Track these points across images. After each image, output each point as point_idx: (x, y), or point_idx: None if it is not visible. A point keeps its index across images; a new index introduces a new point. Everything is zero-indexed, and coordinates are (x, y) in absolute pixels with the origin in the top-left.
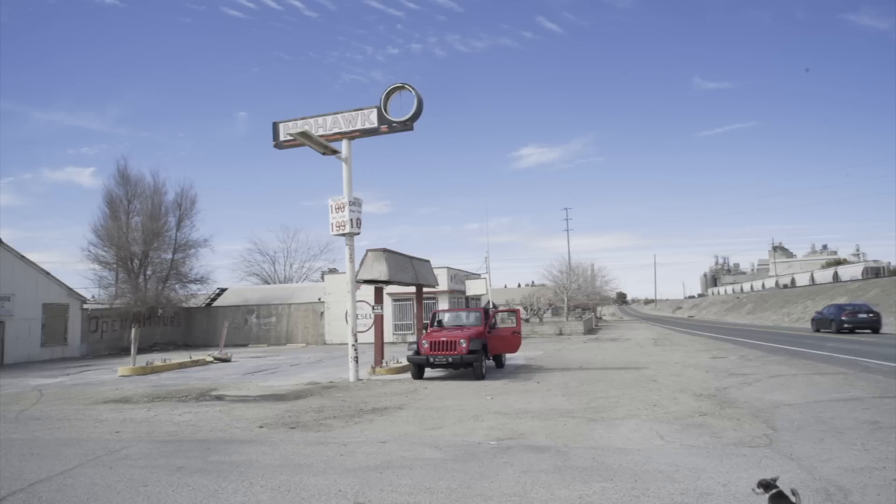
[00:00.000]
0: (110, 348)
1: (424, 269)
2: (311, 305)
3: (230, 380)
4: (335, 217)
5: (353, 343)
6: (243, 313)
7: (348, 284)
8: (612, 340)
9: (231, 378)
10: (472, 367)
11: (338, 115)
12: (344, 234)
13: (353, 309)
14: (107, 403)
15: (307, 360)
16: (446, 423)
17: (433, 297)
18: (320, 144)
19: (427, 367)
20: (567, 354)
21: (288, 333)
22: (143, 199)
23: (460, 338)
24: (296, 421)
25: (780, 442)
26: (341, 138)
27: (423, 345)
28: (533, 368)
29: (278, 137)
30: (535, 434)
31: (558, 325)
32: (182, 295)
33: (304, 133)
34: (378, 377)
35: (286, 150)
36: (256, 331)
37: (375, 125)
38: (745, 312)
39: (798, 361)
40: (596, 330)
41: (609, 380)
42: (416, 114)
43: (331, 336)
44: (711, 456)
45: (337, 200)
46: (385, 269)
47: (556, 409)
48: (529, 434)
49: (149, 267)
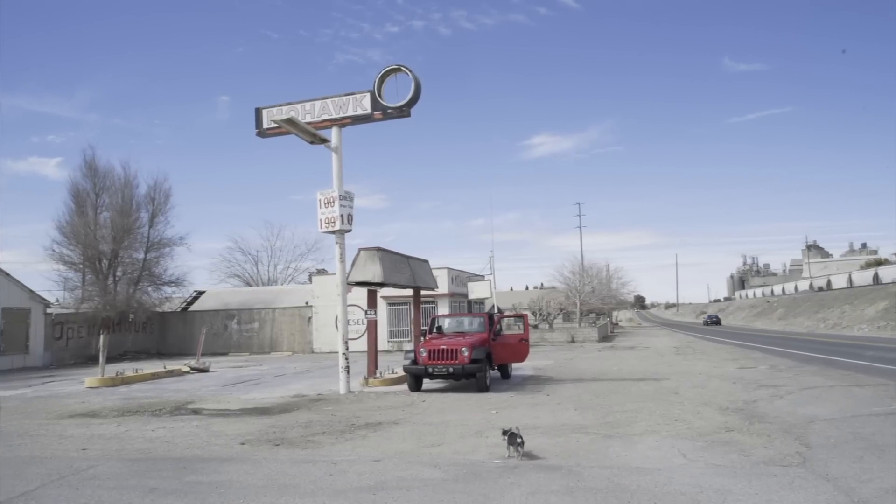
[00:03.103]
0: (76, 357)
1: (423, 269)
2: (297, 310)
3: (208, 392)
4: (324, 212)
5: (343, 351)
6: (223, 319)
7: (339, 287)
8: (630, 349)
9: (209, 390)
10: (475, 379)
11: (327, 101)
12: (334, 232)
13: (344, 314)
14: (73, 418)
15: (293, 370)
16: (446, 440)
17: (432, 300)
18: (308, 132)
19: (425, 377)
20: (580, 364)
21: (272, 341)
22: (113, 193)
23: (462, 346)
24: (281, 437)
25: (815, 460)
26: (331, 126)
27: (421, 353)
28: (542, 379)
29: (262, 125)
30: (544, 452)
31: (570, 332)
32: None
33: (290, 120)
34: (371, 389)
35: (271, 138)
36: (237, 338)
37: (368, 111)
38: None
39: (834, 372)
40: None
41: (626, 392)
42: (414, 99)
43: (319, 344)
44: (739, 476)
45: (326, 194)
46: (379, 269)
47: (568, 425)
48: (538, 452)
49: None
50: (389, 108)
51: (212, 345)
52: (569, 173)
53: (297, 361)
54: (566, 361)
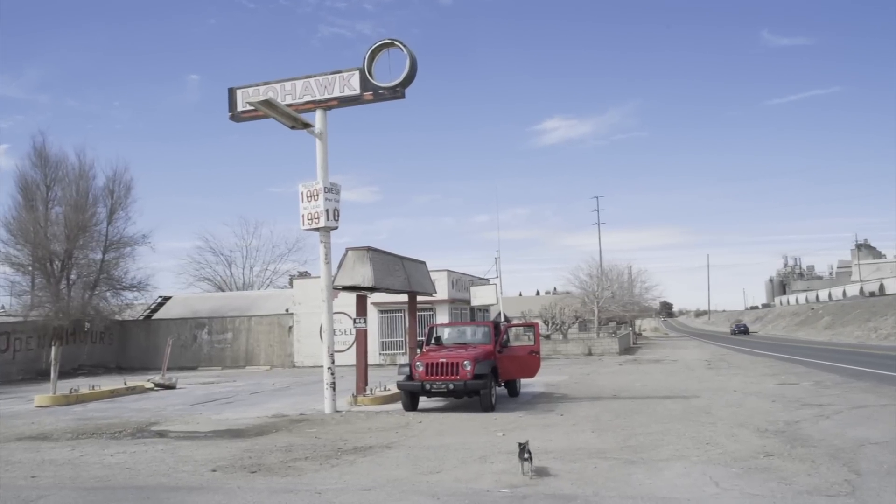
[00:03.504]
0: (25, 372)
1: (419, 272)
2: (276, 318)
3: (175, 411)
4: (307, 207)
5: (329, 365)
6: (192, 328)
7: (323, 292)
8: (655, 362)
9: (176, 409)
10: (479, 396)
11: (310, 80)
12: (318, 229)
13: (330, 323)
14: (20, 441)
15: (272, 386)
16: (446, 466)
17: (430, 307)
18: (288, 116)
19: (422, 395)
20: (598, 379)
21: (248, 353)
22: (66, 185)
23: (464, 359)
24: (257, 463)
25: (865, 490)
26: (315, 108)
27: (418, 367)
28: (555, 397)
29: (236, 107)
30: (557, 479)
31: (587, 343)
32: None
33: (268, 102)
34: (361, 408)
35: (246, 123)
36: (208, 350)
37: (357, 92)
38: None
39: (888, 388)
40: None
41: (651, 412)
42: (409, 77)
43: (301, 357)
44: None
45: (309, 186)
46: (370, 272)
47: (585, 449)
48: (551, 479)
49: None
50: (381, 89)
51: (179, 358)
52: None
53: (276, 377)
54: (582, 377)
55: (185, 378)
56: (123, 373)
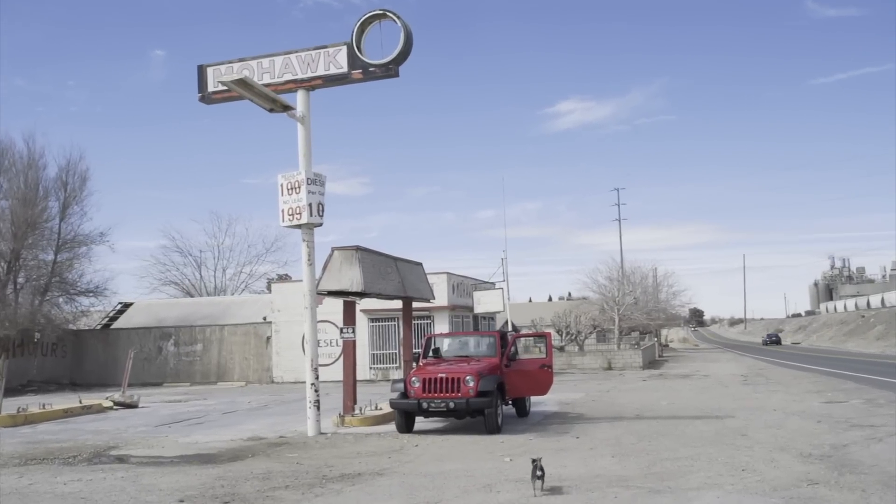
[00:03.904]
0: None
1: (415, 275)
2: (252, 328)
3: (137, 433)
4: (288, 201)
5: (312, 381)
6: (156, 339)
7: (306, 297)
8: (684, 377)
9: (139, 431)
10: (483, 416)
11: (291, 56)
12: (300, 226)
13: (313, 333)
14: None
15: (247, 405)
16: (446, 496)
17: (427, 315)
18: (266, 97)
19: (419, 415)
20: (619, 397)
21: (220, 367)
22: (13, 176)
23: (466, 374)
24: (231, 493)
25: None
26: (296, 88)
27: (414, 384)
28: (570, 417)
29: (206, 87)
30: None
31: (606, 356)
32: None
33: (243, 81)
34: (349, 429)
35: (218, 104)
36: (175, 364)
37: (345, 70)
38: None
39: None
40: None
41: (679, 434)
42: (403, 53)
43: (281, 371)
44: None
45: (290, 177)
46: (359, 275)
47: (604, 476)
48: None
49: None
50: (372, 66)
51: (142, 373)
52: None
53: (252, 394)
54: (601, 394)
55: (148, 396)
56: (78, 389)
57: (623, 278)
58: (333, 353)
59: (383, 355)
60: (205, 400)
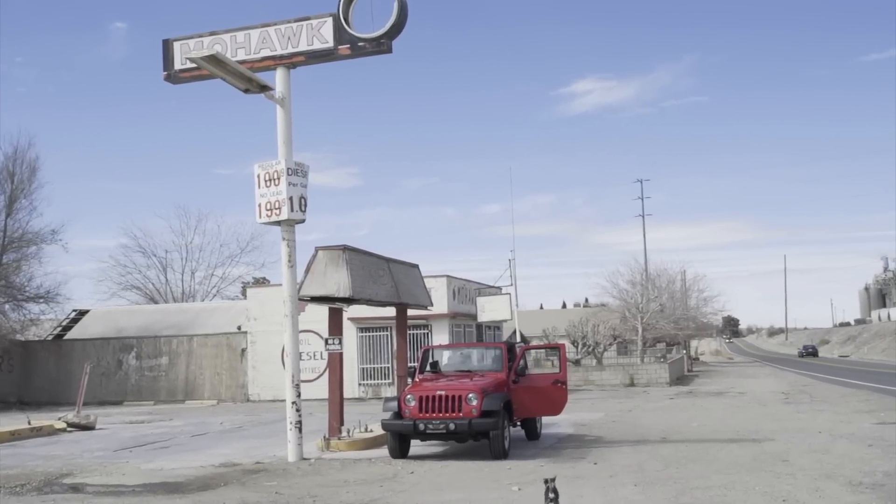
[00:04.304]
0: None
1: (410, 279)
2: (225, 338)
3: (94, 459)
4: (265, 194)
5: (293, 399)
6: (116, 351)
7: (286, 304)
8: (716, 395)
9: (96, 456)
10: (488, 439)
11: (269, 29)
12: (279, 222)
13: (295, 344)
14: None
15: (220, 426)
16: None
17: (424, 324)
18: (240, 76)
19: (415, 437)
20: (642, 418)
21: (188, 383)
22: None
23: (468, 391)
24: None
25: None
26: (275, 66)
27: (409, 402)
28: (587, 441)
29: (173, 65)
30: None
31: (628, 371)
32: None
33: (215, 58)
34: (335, 454)
35: (186, 84)
36: (137, 379)
37: (330, 45)
38: None
39: None
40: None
41: (710, 459)
42: (397, 26)
43: (258, 388)
44: None
45: (268, 167)
46: (346, 278)
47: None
48: None
49: None
50: (361, 41)
51: (99, 390)
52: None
53: (225, 414)
54: (622, 414)
55: (106, 416)
56: (27, 409)
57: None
58: (317, 367)
59: (374, 370)
60: (171, 421)
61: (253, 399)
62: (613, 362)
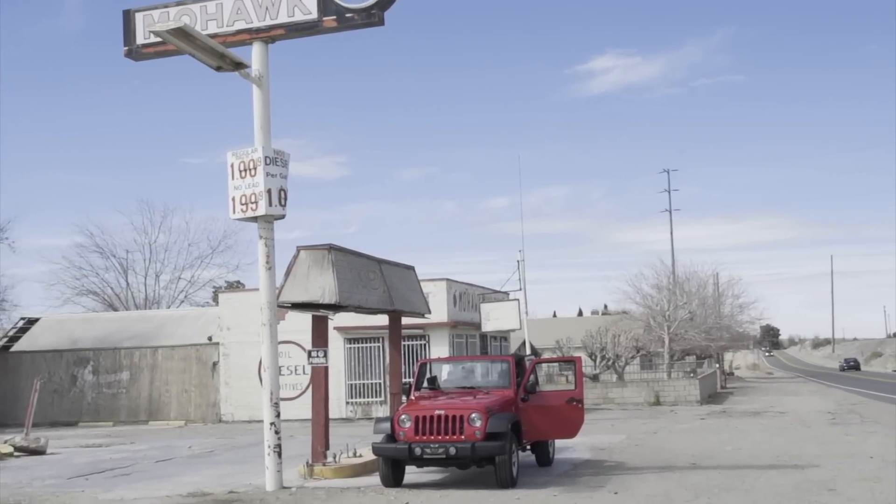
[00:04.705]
0: None
1: (405, 282)
2: (194, 350)
3: (45, 488)
4: (240, 186)
5: (272, 420)
6: (70, 365)
7: (263, 311)
8: (753, 415)
9: (47, 485)
10: (494, 466)
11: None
12: (256, 218)
13: (274, 357)
14: None
15: (188, 450)
16: None
17: (421, 334)
18: (212, 52)
19: (410, 463)
20: (669, 440)
21: (152, 402)
22: None
23: (471, 410)
24: None
25: None
26: (251, 40)
27: (404, 423)
28: (606, 467)
29: (134, 39)
30: None
31: (653, 388)
32: None
33: (183, 31)
34: (319, 482)
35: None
36: (94, 397)
37: (314, 16)
38: None
39: None
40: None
41: (747, 488)
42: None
43: (231, 407)
44: None
45: (243, 156)
46: (332, 282)
47: None
48: None
49: None
50: (349, 11)
51: (51, 409)
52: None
53: (194, 436)
54: (647, 436)
55: (59, 438)
56: None
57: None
58: (299, 383)
59: (364, 386)
60: (132, 444)
61: (226, 419)
62: (636, 378)
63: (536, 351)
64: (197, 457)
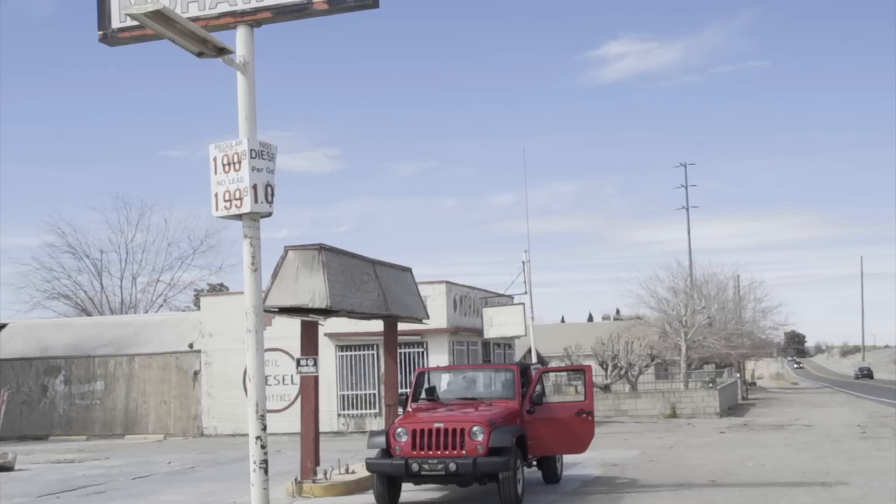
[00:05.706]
0: None
1: (401, 285)
2: (174, 358)
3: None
4: (223, 181)
5: (258, 434)
6: (39, 374)
7: (249, 316)
8: (777, 428)
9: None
10: (498, 483)
11: None
12: (240, 216)
13: (260, 366)
14: None
15: (167, 466)
16: None
17: (419, 341)
18: (193, 36)
19: (407, 480)
20: (686, 456)
21: (129, 414)
22: None
23: (473, 423)
24: None
25: None
26: (236, 23)
27: (400, 437)
28: (618, 484)
29: (109, 23)
30: None
31: (669, 399)
32: None
33: (161, 14)
34: (309, 501)
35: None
36: (66, 409)
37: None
38: None
39: None
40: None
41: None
42: None
43: (214, 419)
44: None
45: (226, 149)
46: (323, 285)
47: None
48: None
49: None
50: None
51: (19, 421)
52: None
53: (173, 451)
54: (662, 451)
55: (29, 454)
56: None
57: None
58: (288, 393)
59: (357, 397)
60: (107, 460)
61: (208, 433)
62: (651, 388)
63: (543, 359)
64: (177, 473)
